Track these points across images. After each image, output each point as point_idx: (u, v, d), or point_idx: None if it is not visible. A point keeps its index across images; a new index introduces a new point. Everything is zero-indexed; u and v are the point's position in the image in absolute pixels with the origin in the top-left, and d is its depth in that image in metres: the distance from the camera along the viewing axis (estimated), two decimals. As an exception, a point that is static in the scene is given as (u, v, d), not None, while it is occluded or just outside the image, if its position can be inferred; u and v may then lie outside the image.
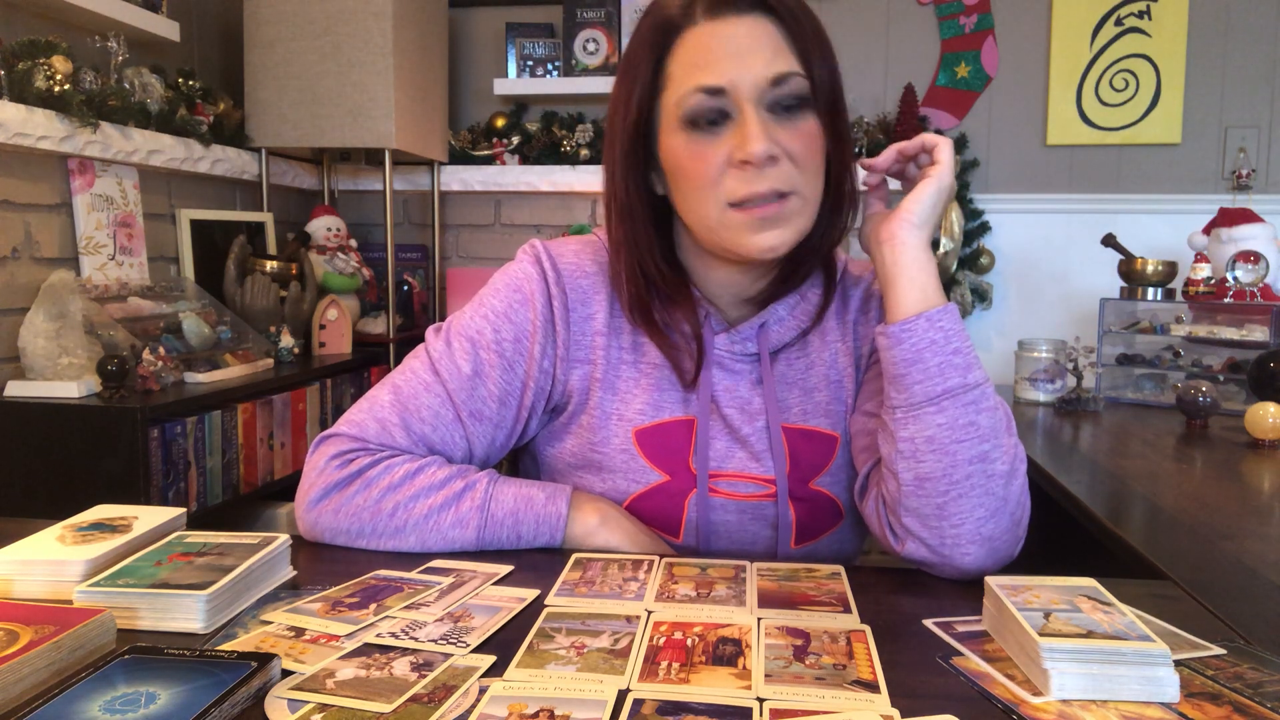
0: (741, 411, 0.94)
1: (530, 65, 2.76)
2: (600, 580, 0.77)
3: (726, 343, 0.94)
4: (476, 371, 0.92)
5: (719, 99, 0.83)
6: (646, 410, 0.94)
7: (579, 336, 0.95)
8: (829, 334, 0.98)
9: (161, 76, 2.10)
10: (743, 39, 0.83)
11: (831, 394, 0.97)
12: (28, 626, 0.60)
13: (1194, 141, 2.61)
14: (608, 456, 0.93)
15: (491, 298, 0.95)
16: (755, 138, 0.81)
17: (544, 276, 0.95)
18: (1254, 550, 1.05)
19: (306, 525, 0.89)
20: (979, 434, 0.80)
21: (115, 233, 1.97)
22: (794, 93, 0.84)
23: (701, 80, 0.83)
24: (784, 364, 0.96)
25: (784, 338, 0.96)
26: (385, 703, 0.55)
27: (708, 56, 0.83)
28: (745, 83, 0.82)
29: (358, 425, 0.91)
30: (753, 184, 0.83)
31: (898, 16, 2.71)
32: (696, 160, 0.85)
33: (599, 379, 0.94)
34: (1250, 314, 2.00)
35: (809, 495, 0.94)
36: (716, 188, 0.84)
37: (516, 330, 0.93)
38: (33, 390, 1.64)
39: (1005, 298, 2.73)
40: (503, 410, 0.93)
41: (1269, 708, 0.56)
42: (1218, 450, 1.64)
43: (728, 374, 0.95)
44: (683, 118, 0.85)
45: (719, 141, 0.84)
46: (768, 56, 0.83)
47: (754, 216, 0.84)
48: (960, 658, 0.64)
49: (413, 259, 2.84)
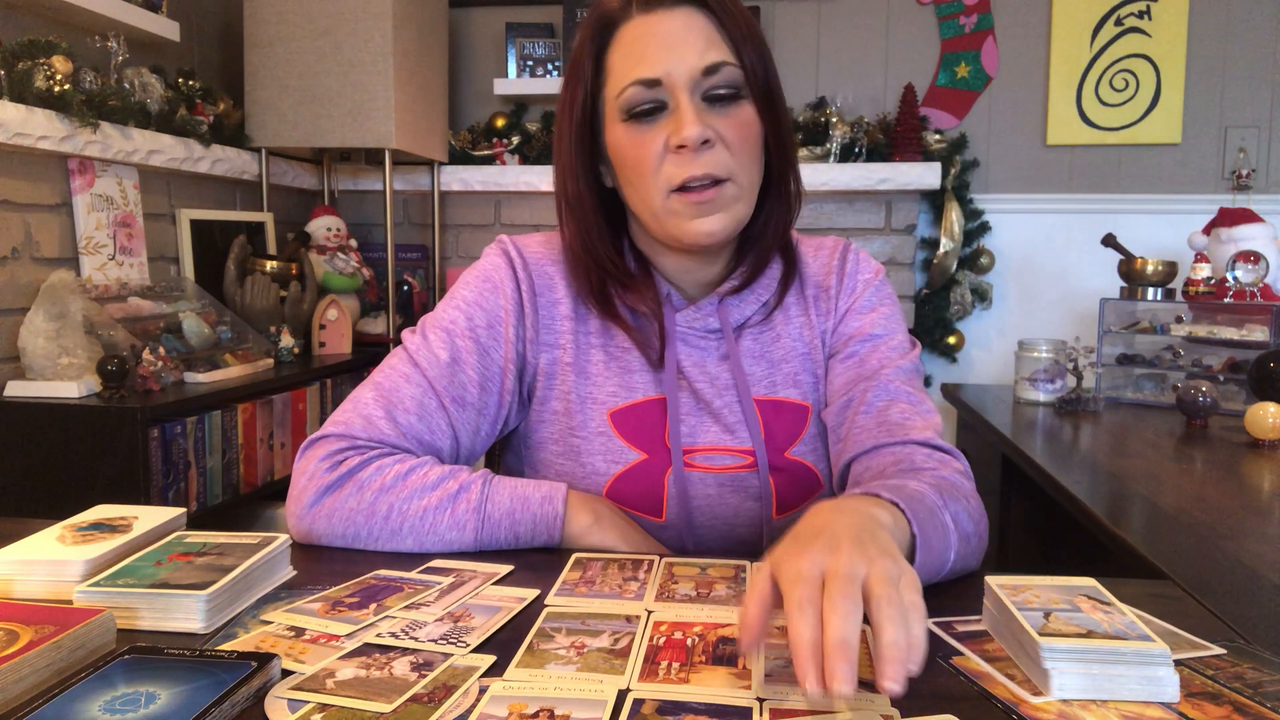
0: (711, 385, 0.96)
1: (530, 65, 2.76)
2: (600, 580, 0.77)
3: (688, 319, 0.97)
4: (454, 359, 0.94)
5: (655, 90, 0.87)
6: (619, 392, 0.96)
7: (547, 321, 0.98)
8: (791, 309, 1.01)
9: (161, 76, 2.10)
10: (676, 31, 0.87)
11: (799, 365, 0.99)
12: (28, 626, 0.60)
13: (1194, 141, 2.61)
14: (586, 440, 0.95)
15: (463, 290, 0.98)
16: (689, 123, 0.85)
17: (511, 265, 0.98)
18: (1254, 550, 1.05)
19: (300, 531, 0.88)
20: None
21: (115, 233, 1.97)
22: (727, 81, 0.87)
23: (637, 73, 0.87)
24: (749, 339, 0.99)
25: (745, 313, 0.98)
26: (385, 703, 0.55)
27: (643, 49, 0.87)
28: (679, 73, 0.86)
29: (344, 424, 0.91)
30: (689, 168, 0.86)
31: (898, 16, 2.71)
32: (637, 149, 0.88)
33: (569, 364, 0.97)
34: (1250, 314, 2.00)
35: (786, 465, 0.96)
36: (657, 175, 0.88)
37: (489, 316, 0.96)
38: (33, 390, 1.64)
39: (1005, 298, 2.73)
40: (484, 396, 0.95)
41: (1269, 708, 0.56)
42: (1218, 450, 1.64)
43: (694, 349, 0.97)
44: (622, 110, 0.88)
45: (657, 130, 0.87)
46: (700, 47, 0.86)
47: (691, 202, 0.87)
48: (960, 658, 0.64)
49: (413, 259, 2.84)
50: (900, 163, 2.53)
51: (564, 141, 0.94)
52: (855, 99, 2.67)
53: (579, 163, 0.94)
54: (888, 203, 2.63)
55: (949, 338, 2.68)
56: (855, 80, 2.72)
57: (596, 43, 0.91)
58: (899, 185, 2.54)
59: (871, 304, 1.00)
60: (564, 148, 0.95)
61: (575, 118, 0.92)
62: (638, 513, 0.94)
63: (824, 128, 2.59)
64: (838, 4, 2.72)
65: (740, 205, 0.89)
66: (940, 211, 2.64)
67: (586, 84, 0.92)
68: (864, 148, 2.56)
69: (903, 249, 2.63)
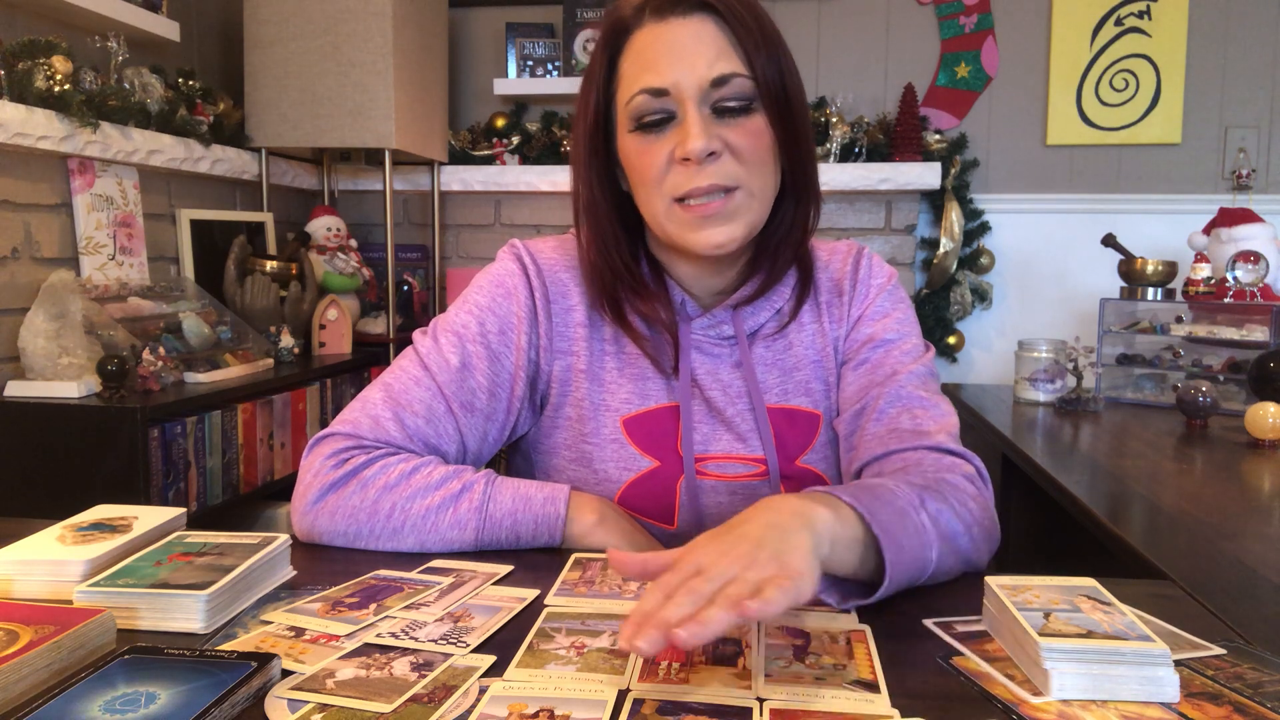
0: (724, 393, 0.96)
1: (530, 65, 2.76)
2: (600, 580, 0.77)
3: (704, 326, 0.96)
4: (464, 364, 0.93)
5: (662, 100, 0.86)
6: (632, 399, 0.95)
7: (561, 328, 0.97)
8: (803, 315, 1.00)
9: (161, 76, 2.10)
10: (686, 41, 0.85)
11: (811, 373, 0.98)
12: (28, 626, 0.60)
13: (1194, 141, 2.61)
14: (598, 447, 0.95)
15: (475, 294, 0.97)
16: (694, 136, 0.84)
17: (525, 271, 0.97)
18: (1254, 550, 1.05)
19: (304, 528, 0.88)
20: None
21: (115, 233, 1.96)
22: (737, 93, 0.86)
23: (645, 82, 0.86)
24: (762, 346, 0.98)
25: (760, 320, 0.98)
26: (385, 703, 0.55)
27: (652, 58, 0.86)
28: (687, 83, 0.85)
29: (351, 424, 0.91)
30: (693, 179, 0.85)
31: (898, 16, 2.71)
32: (644, 158, 0.88)
33: (583, 370, 0.96)
34: (1250, 314, 2.00)
35: (797, 473, 0.95)
36: (661, 185, 0.87)
37: (501, 323, 0.95)
38: (33, 390, 1.64)
39: (1005, 298, 2.73)
40: (493, 402, 0.94)
41: (1269, 708, 0.56)
42: (1218, 450, 1.64)
43: (708, 357, 0.97)
44: (631, 118, 0.88)
45: (664, 141, 0.87)
46: (710, 57, 0.85)
47: (696, 214, 0.87)
48: (960, 658, 0.64)
49: (413, 259, 2.84)
50: (900, 163, 2.53)
51: (579, 147, 0.94)
52: (855, 99, 2.67)
53: (593, 168, 0.93)
54: (888, 203, 2.63)
55: (949, 338, 2.68)
56: (855, 80, 2.72)
57: (610, 48, 0.91)
58: (899, 185, 2.54)
59: (885, 309, 0.99)
60: (579, 153, 0.94)
61: (589, 123, 0.92)
62: (649, 520, 0.94)
63: (824, 128, 2.59)
64: (838, 4, 2.72)
65: (750, 214, 0.88)
66: (940, 211, 2.64)
67: (599, 89, 0.91)
68: (864, 148, 2.56)
69: (903, 249, 2.63)
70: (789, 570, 0.58)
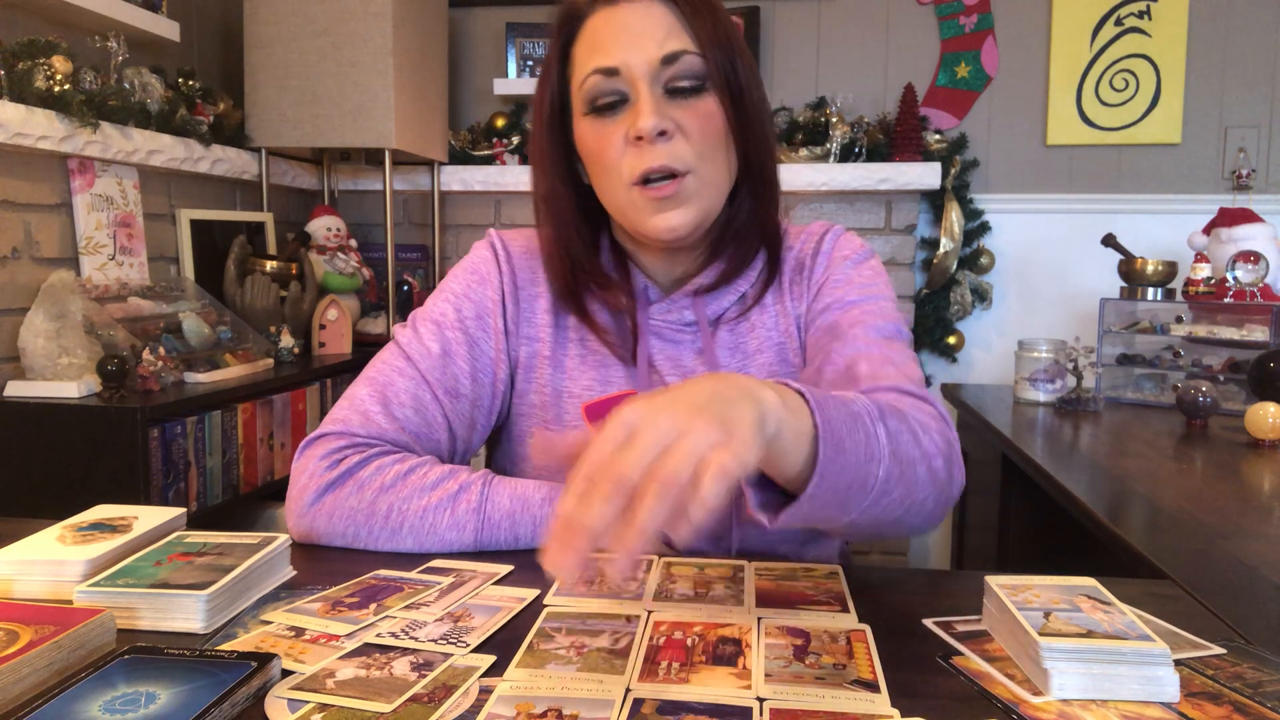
0: (684, 380, 0.94)
1: (530, 65, 2.76)
2: (599, 580, 0.77)
3: (662, 310, 0.97)
4: (445, 350, 0.95)
5: (614, 80, 0.87)
6: (594, 386, 0.97)
7: (528, 314, 0.99)
8: (767, 298, 1.00)
9: (161, 76, 2.10)
10: (636, 22, 0.87)
11: (773, 356, 0.98)
12: (28, 626, 0.60)
13: (1194, 141, 2.61)
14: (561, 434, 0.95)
15: (452, 283, 1.00)
16: (645, 114, 0.85)
17: (496, 257, 1.00)
18: (1254, 550, 1.05)
19: (300, 530, 0.88)
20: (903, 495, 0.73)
21: (115, 233, 1.96)
22: (688, 71, 0.87)
23: (596, 62, 0.87)
24: (725, 330, 0.98)
25: (723, 306, 0.98)
26: (385, 703, 0.55)
27: (603, 40, 0.88)
28: (637, 62, 0.86)
29: (341, 421, 0.91)
30: (646, 159, 0.86)
31: (898, 16, 2.71)
32: (599, 141, 0.89)
33: (546, 356, 0.98)
34: (1250, 314, 2.00)
35: None
36: (618, 168, 0.88)
37: (478, 308, 0.97)
38: (33, 390, 1.64)
39: (1005, 298, 2.73)
40: (476, 387, 0.96)
41: (1269, 708, 0.56)
42: (1218, 450, 1.64)
43: (669, 344, 0.97)
44: (585, 102, 0.89)
45: (618, 123, 0.88)
46: (660, 37, 0.86)
47: (651, 197, 0.87)
48: (960, 658, 0.64)
49: (413, 259, 2.84)
50: (900, 163, 2.53)
51: (538, 139, 0.95)
52: (855, 99, 2.67)
53: (552, 160, 0.95)
54: (888, 203, 2.63)
55: (949, 338, 2.68)
56: (855, 80, 2.72)
57: (563, 37, 0.92)
58: (899, 185, 2.54)
59: (847, 275, 0.97)
60: (538, 145, 0.96)
61: (546, 114, 0.93)
62: None
63: (824, 128, 2.59)
64: (838, 4, 2.72)
65: (702, 200, 0.89)
66: (940, 211, 2.64)
67: (555, 78, 0.93)
68: (864, 148, 2.56)
69: (903, 249, 2.63)
70: (736, 437, 0.53)
